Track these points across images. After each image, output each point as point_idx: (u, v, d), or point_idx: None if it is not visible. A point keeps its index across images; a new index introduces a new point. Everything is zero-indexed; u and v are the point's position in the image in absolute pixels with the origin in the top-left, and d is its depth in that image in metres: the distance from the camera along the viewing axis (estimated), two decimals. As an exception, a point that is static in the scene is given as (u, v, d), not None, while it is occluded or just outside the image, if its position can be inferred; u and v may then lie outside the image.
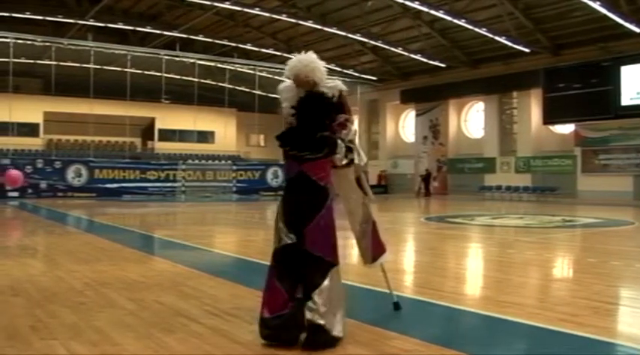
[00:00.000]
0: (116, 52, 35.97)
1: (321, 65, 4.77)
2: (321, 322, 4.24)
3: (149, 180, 34.12)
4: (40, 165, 31.40)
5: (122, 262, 8.44)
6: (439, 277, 7.56)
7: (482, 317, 5.37)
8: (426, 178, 37.70)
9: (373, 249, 5.16)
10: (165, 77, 38.60)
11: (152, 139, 45.01)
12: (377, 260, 5.21)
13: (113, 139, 43.22)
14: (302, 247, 4.40)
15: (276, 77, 41.68)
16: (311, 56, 4.78)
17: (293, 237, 4.44)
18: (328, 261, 4.39)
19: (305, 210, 4.45)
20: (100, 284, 6.67)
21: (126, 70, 36.82)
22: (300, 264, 4.38)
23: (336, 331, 4.30)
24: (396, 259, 9.96)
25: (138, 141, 45.12)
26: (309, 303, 4.28)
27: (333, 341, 4.25)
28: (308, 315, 4.25)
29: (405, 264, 9.28)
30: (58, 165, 31.80)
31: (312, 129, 4.55)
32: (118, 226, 15.39)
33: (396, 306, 5.34)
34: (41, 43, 33.62)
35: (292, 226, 4.47)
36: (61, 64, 36.64)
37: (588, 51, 29.54)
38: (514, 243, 11.91)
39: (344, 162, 4.71)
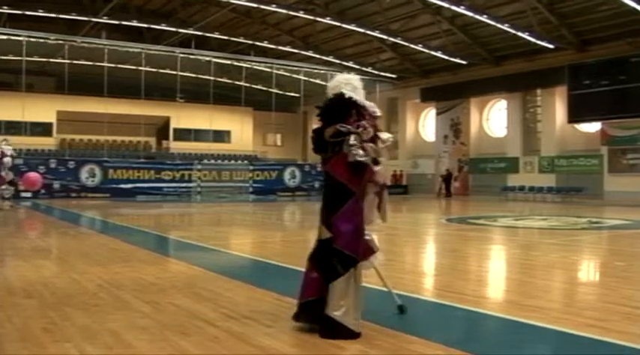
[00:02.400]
0: (130, 50, 36.23)
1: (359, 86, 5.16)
2: (336, 313, 4.50)
3: (164, 181, 34.27)
4: (53, 165, 31.66)
5: (137, 264, 8.48)
6: (461, 280, 7.52)
7: (505, 321, 5.34)
8: (447, 178, 37.56)
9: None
10: (181, 76, 38.80)
11: (167, 139, 45.28)
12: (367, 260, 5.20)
13: (127, 139, 43.55)
14: (332, 242, 4.70)
15: (293, 75, 41.90)
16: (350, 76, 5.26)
17: (328, 233, 4.77)
18: (348, 255, 4.62)
19: (329, 205, 4.80)
20: (114, 286, 6.71)
21: (140, 68, 37.09)
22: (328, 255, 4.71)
23: (352, 325, 4.50)
24: (417, 261, 9.94)
25: (152, 140, 45.41)
26: (329, 295, 4.55)
27: (348, 334, 4.47)
28: (326, 307, 4.53)
29: (426, 266, 9.24)
30: (71, 165, 32.05)
31: (323, 129, 4.87)
32: (132, 227, 15.48)
33: (401, 310, 5.32)
34: (54, 41, 33.92)
35: (323, 222, 4.82)
36: (75, 62, 36.99)
37: (616, 46, 29.20)
38: (538, 245, 11.82)
39: (357, 158, 4.73)
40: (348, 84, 5.11)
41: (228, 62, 40.61)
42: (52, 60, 37.85)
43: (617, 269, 8.72)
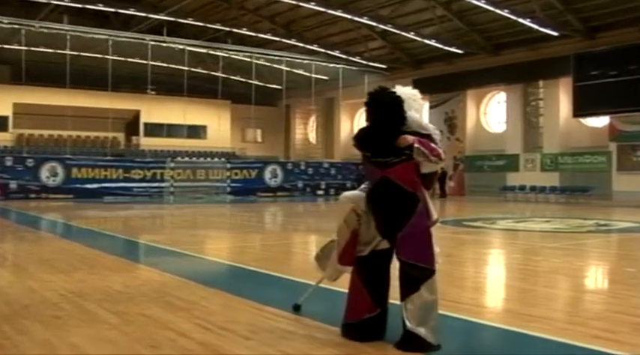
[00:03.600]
0: (96, 36, 35.95)
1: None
2: (416, 329, 4.62)
3: (133, 180, 34.10)
4: (9, 163, 31.38)
5: (103, 271, 8.42)
6: (456, 287, 7.53)
7: (504, 332, 5.36)
8: (441, 177, 37.54)
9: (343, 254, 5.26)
10: (151, 65, 38.56)
11: (137, 134, 45.03)
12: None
13: (93, 134, 43.28)
14: (396, 254, 4.83)
15: (274, 66, 41.83)
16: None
17: (386, 243, 4.85)
18: (422, 267, 4.73)
19: (395, 217, 4.80)
20: (78, 295, 6.66)
21: (107, 57, 36.76)
22: (389, 270, 4.92)
23: (430, 338, 4.61)
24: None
25: (121, 136, 45.13)
26: (405, 310, 4.67)
27: (428, 347, 4.58)
28: (405, 321, 4.65)
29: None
30: (30, 163, 31.80)
31: (389, 129, 4.82)
32: (98, 231, 15.39)
33: (296, 308, 5.74)
34: (8, 25, 33.34)
35: (385, 232, 4.85)
36: (33, 49, 36.59)
37: (626, 33, 29.24)
38: (540, 250, 11.88)
39: (436, 167, 4.92)
40: (416, 101, 5.21)
41: (204, 51, 40.47)
42: (6, 46, 37.43)
43: (626, 275, 8.78)
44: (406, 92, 5.15)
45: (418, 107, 5.20)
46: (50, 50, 36.83)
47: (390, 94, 4.92)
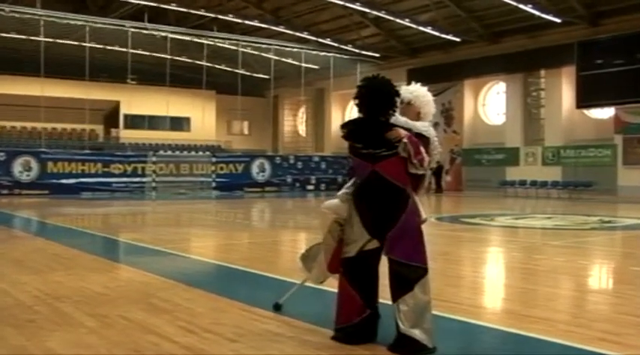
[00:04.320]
0: (72, 22, 35.68)
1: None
2: (410, 331, 4.63)
3: (113, 175, 33.96)
4: (-21, 158, 31.23)
5: (81, 271, 8.40)
6: (453, 287, 7.55)
7: (504, 334, 5.38)
8: (437, 172, 37.59)
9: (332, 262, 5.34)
10: (132, 54, 38.42)
11: (116, 127, 44.90)
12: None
13: (70, 126, 43.11)
14: (386, 254, 4.85)
15: (262, 54, 41.73)
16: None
17: (375, 243, 4.86)
18: (416, 266, 4.77)
19: (385, 214, 4.81)
20: (54, 298, 6.63)
21: (84, 44, 36.59)
22: (377, 269, 4.95)
23: (425, 341, 4.63)
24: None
25: (99, 128, 44.98)
26: (397, 311, 4.69)
27: (423, 350, 4.61)
28: (398, 323, 4.67)
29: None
30: (1, 157, 31.59)
31: (381, 120, 4.85)
32: (75, 229, 15.35)
33: (276, 307, 5.85)
34: (-26, 9, 33.13)
35: (374, 231, 4.84)
36: (3, 35, 36.34)
37: (633, 19, 29.25)
38: (542, 248, 11.92)
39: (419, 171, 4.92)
40: (425, 97, 5.44)
41: (187, 38, 40.29)
42: (-27, 32, 37.19)
43: (632, 275, 8.83)
44: (413, 89, 5.35)
45: (434, 109, 5.45)
46: (22, 36, 36.54)
47: (385, 81, 4.93)
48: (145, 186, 34.65)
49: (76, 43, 37.65)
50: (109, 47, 39.36)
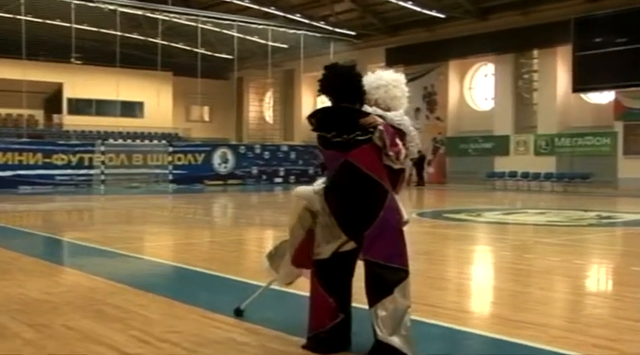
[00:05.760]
0: (5, -8, 35.35)
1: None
2: (389, 339, 4.64)
3: (56, 167, 33.63)
4: None
5: (18, 276, 8.34)
6: (436, 290, 7.60)
7: (491, 340, 5.42)
8: (419, 163, 37.65)
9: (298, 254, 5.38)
10: (76, 29, 37.96)
11: (59, 112, 44.47)
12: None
13: (4, 111, 42.67)
14: (363, 255, 4.87)
15: (224, 31, 41.52)
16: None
17: (352, 244, 4.87)
18: (396, 268, 4.78)
19: (361, 210, 4.80)
20: (-11, 305, 6.58)
21: (20, 17, 36.12)
22: (353, 272, 5.00)
23: (405, 349, 4.64)
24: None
25: (39, 114, 44.52)
26: (375, 317, 4.70)
27: None
28: (375, 330, 4.68)
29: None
30: None
31: (353, 104, 4.91)
32: (12, 228, 15.18)
33: (237, 312, 5.88)
34: None
35: (349, 231, 4.84)
36: None
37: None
38: (533, 246, 12.01)
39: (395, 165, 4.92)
40: (398, 88, 5.31)
41: (140, 13, 40.01)
42: None
43: (632, 275, 8.94)
44: (387, 77, 5.24)
45: (401, 95, 5.29)
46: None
47: (349, 66, 5.06)
48: (92, 179, 34.36)
49: (9, 15, 37.02)
50: (49, 21, 38.83)
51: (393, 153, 4.74)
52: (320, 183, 5.15)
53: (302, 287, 5.29)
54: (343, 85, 4.88)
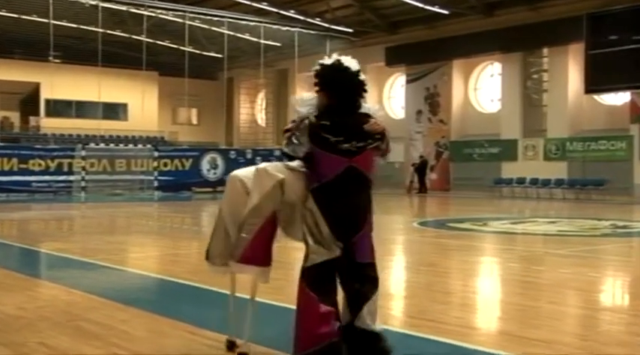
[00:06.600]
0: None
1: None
2: (377, 330, 4.96)
3: (32, 173, 33.61)
4: None
5: (-7, 288, 8.30)
6: (440, 304, 7.58)
7: (500, 359, 5.39)
8: (421, 168, 37.83)
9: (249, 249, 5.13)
10: (55, 25, 37.98)
11: (36, 114, 44.45)
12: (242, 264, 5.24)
13: (-21, 114, 42.65)
14: (355, 259, 5.00)
15: (213, 28, 41.57)
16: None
17: (341, 246, 4.95)
18: (374, 264, 5.08)
19: (359, 214, 5.00)
20: (-41, 320, 6.55)
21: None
22: (349, 276, 5.02)
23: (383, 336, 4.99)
24: (380, 279, 9.95)
25: (15, 116, 44.59)
26: (366, 313, 4.93)
27: (390, 349, 4.95)
28: (361, 324, 4.91)
29: (393, 285, 9.27)
30: None
31: (360, 110, 5.04)
32: (-13, 237, 15.17)
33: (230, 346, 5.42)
34: None
35: (341, 235, 4.91)
36: None
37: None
38: (543, 258, 12.02)
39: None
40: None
41: (124, 8, 40.02)
42: None
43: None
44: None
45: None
46: None
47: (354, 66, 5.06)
48: (72, 186, 34.35)
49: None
50: (25, 17, 38.81)
51: (388, 154, 5.03)
52: (296, 164, 5.10)
53: (288, 299, 5.25)
54: (349, 81, 4.97)
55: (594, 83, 31.02)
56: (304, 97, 5.28)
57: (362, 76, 5.03)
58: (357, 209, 4.96)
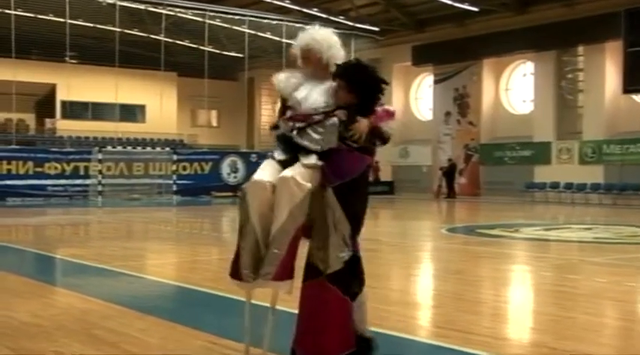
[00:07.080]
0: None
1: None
2: (367, 335, 5.12)
3: (48, 177, 33.83)
4: None
5: (5, 297, 8.37)
6: (469, 313, 7.55)
7: (532, 371, 5.37)
8: (449, 172, 37.76)
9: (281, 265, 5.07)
10: (71, 25, 38.20)
11: (52, 116, 44.67)
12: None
13: (-7, 116, 42.95)
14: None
15: (233, 27, 41.67)
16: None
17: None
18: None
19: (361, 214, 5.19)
20: (-30, 329, 6.59)
21: (9, 12, 36.38)
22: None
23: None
24: (407, 287, 9.93)
25: (30, 118, 44.78)
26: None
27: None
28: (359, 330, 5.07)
29: (420, 294, 9.25)
30: None
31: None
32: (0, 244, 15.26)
33: None
34: None
35: (359, 232, 5.14)
36: None
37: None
38: (579, 266, 11.96)
39: None
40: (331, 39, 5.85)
41: (142, 7, 40.18)
42: None
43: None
44: (312, 32, 5.66)
45: (332, 54, 5.74)
46: None
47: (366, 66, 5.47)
48: (88, 190, 34.54)
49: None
50: (41, 16, 39.08)
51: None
52: (312, 161, 4.99)
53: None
54: (374, 82, 5.29)
55: (633, 83, 30.82)
56: (287, 75, 5.90)
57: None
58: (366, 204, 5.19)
